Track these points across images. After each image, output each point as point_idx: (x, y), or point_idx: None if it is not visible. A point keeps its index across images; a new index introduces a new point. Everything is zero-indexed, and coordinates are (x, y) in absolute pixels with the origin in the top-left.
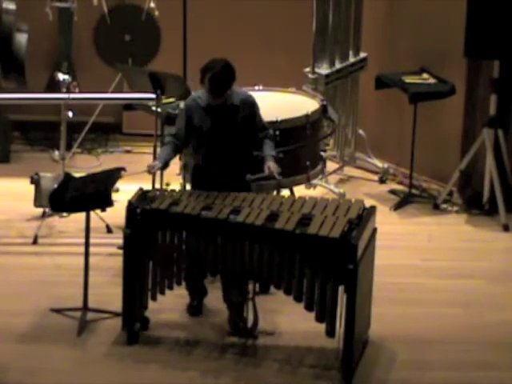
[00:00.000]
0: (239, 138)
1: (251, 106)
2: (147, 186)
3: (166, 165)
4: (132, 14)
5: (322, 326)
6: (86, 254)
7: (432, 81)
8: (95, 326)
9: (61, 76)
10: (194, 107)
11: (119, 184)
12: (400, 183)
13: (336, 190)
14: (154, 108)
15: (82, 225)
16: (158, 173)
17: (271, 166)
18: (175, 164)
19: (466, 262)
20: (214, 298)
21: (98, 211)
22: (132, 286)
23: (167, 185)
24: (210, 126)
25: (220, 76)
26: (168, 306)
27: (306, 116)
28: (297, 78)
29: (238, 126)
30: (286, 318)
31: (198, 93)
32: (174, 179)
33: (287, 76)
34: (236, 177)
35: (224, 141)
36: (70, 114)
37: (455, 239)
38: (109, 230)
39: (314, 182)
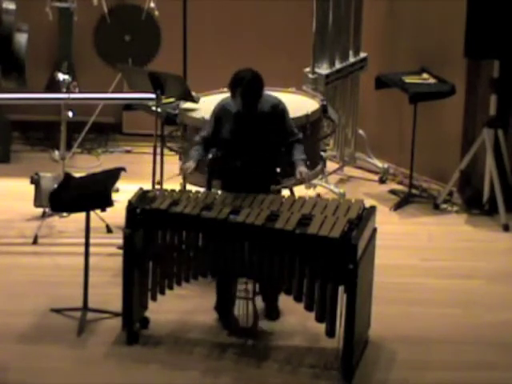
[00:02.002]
0: (268, 143)
1: (281, 112)
2: (147, 186)
3: (198, 165)
4: (132, 13)
5: (322, 326)
6: (86, 254)
7: (432, 81)
8: (95, 326)
9: (61, 76)
10: (223, 114)
11: (119, 184)
12: (400, 183)
13: (336, 190)
14: (154, 108)
15: (82, 225)
16: (158, 173)
17: (303, 171)
18: (175, 164)
19: (466, 262)
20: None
21: (98, 211)
22: (132, 285)
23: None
24: (240, 133)
25: (251, 89)
26: (168, 306)
27: (306, 116)
28: (297, 77)
29: (268, 132)
30: (286, 318)
31: (228, 99)
32: (173, 179)
33: (287, 76)
34: (264, 180)
35: (253, 147)
36: (70, 114)
37: (455, 239)
38: (109, 230)
39: (314, 181)
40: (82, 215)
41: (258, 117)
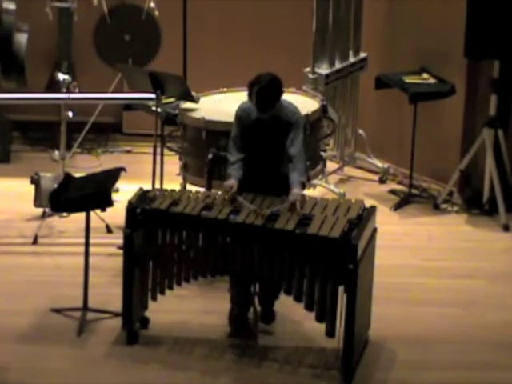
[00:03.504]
0: (282, 150)
1: (296, 123)
2: (147, 186)
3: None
4: (132, 13)
5: (322, 326)
6: (86, 254)
7: (432, 81)
8: (95, 326)
9: (61, 76)
10: (244, 118)
11: (119, 184)
12: (400, 183)
13: (336, 190)
14: (153, 108)
15: (82, 225)
16: (158, 173)
17: (296, 193)
18: (175, 164)
19: (466, 262)
20: (215, 298)
21: (98, 211)
22: (132, 285)
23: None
24: (258, 139)
25: (266, 91)
26: (168, 306)
27: (306, 116)
28: (297, 77)
29: (284, 140)
30: (286, 318)
31: (249, 104)
32: (174, 179)
33: (287, 76)
34: (277, 184)
35: (268, 153)
36: (70, 114)
37: (455, 239)
38: (109, 230)
39: (314, 181)
40: (82, 215)
41: (276, 124)
